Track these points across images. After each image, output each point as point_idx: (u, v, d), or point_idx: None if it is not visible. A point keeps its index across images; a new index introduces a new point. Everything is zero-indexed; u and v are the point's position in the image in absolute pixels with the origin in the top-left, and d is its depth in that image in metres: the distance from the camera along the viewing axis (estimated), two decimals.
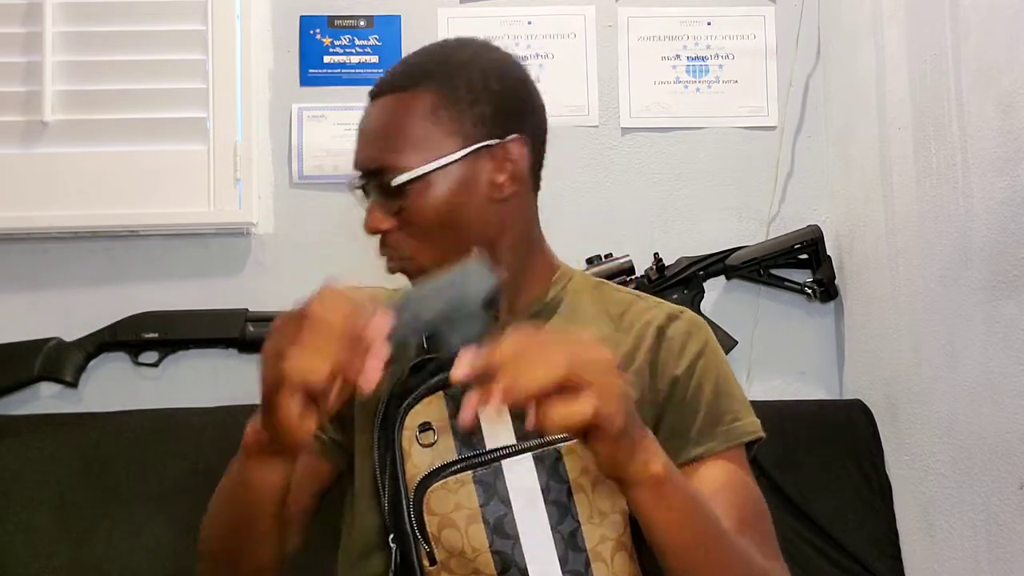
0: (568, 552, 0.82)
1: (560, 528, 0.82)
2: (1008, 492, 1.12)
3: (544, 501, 0.82)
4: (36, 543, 1.36)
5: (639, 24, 1.67)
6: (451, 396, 0.87)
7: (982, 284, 1.17)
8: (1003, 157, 1.12)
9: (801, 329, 1.62)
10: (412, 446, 0.87)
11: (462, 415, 0.67)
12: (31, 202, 1.53)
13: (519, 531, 0.82)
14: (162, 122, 1.56)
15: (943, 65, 1.25)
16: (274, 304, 1.56)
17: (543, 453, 0.83)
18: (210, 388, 1.54)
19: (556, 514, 0.82)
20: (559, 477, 0.83)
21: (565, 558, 0.82)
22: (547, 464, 0.83)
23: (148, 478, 1.40)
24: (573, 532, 0.82)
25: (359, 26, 1.65)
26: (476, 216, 0.91)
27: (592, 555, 0.82)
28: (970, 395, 1.20)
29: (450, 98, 0.90)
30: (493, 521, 0.82)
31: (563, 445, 0.83)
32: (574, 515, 0.82)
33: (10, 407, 1.52)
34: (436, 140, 0.90)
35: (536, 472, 0.82)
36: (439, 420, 0.87)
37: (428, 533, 0.85)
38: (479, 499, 0.82)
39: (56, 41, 1.55)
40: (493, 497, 0.82)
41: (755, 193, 1.64)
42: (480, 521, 0.82)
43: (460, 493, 0.84)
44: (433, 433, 0.86)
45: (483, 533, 0.82)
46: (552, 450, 0.83)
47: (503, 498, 0.82)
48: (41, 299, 1.57)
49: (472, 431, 0.86)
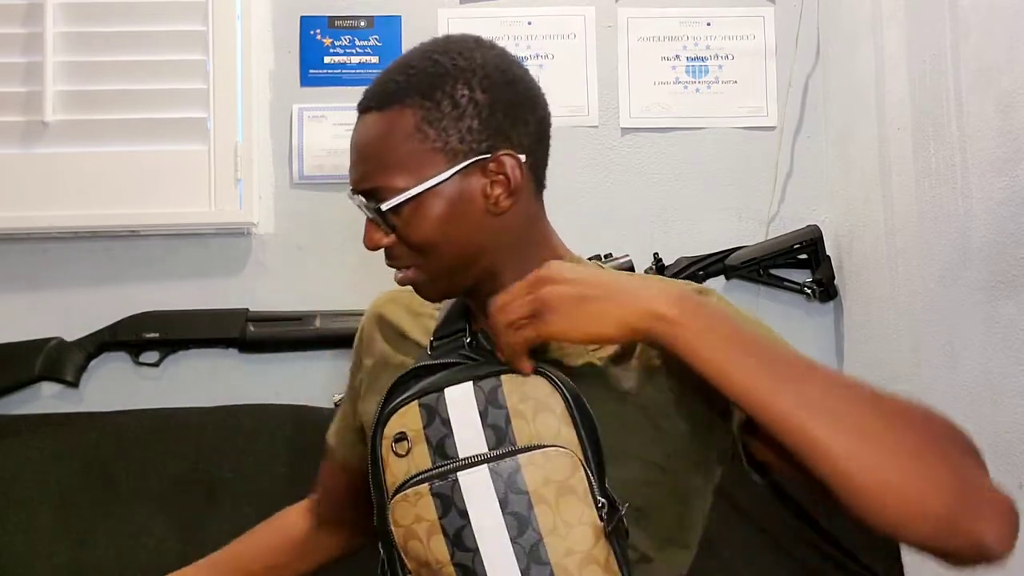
0: (531, 565, 0.81)
1: (520, 540, 0.81)
2: (1008, 492, 1.12)
3: (502, 512, 0.81)
4: (36, 543, 1.37)
5: (639, 24, 1.68)
6: (424, 405, 0.87)
7: (981, 284, 1.17)
8: (1002, 157, 1.12)
9: (801, 329, 1.62)
10: (389, 455, 0.87)
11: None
12: (32, 202, 1.53)
13: (478, 544, 0.81)
14: (163, 122, 1.56)
15: (943, 65, 1.25)
16: (274, 304, 1.57)
17: (500, 465, 0.82)
18: (210, 388, 1.54)
19: (516, 526, 0.81)
20: (517, 488, 0.81)
21: (527, 571, 0.80)
22: (504, 475, 0.82)
23: (148, 478, 1.40)
24: (535, 545, 0.81)
25: (359, 26, 1.65)
26: (474, 230, 0.91)
27: (557, 568, 0.81)
28: (969, 395, 1.20)
29: (434, 114, 0.88)
30: (452, 533, 0.82)
31: (523, 456, 0.82)
32: (535, 527, 0.81)
33: (10, 407, 1.52)
34: (423, 159, 0.88)
35: (492, 484, 0.81)
36: (414, 430, 0.87)
37: (396, 543, 0.85)
38: (437, 511, 0.82)
39: (57, 41, 1.55)
40: (451, 509, 0.82)
41: (755, 193, 1.65)
42: (440, 533, 0.82)
43: (419, 505, 0.83)
44: (407, 443, 0.86)
45: (443, 545, 0.82)
46: (511, 461, 0.82)
47: (460, 510, 0.81)
48: (42, 299, 1.57)
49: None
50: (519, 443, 0.84)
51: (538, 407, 0.85)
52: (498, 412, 0.85)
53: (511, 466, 0.82)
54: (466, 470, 0.82)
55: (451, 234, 0.90)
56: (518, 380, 0.85)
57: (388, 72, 0.92)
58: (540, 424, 0.84)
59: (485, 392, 0.86)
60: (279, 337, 1.52)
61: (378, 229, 0.91)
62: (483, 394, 0.86)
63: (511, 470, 0.82)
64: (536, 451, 0.82)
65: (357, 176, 0.91)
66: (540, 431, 0.84)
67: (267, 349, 1.52)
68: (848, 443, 0.72)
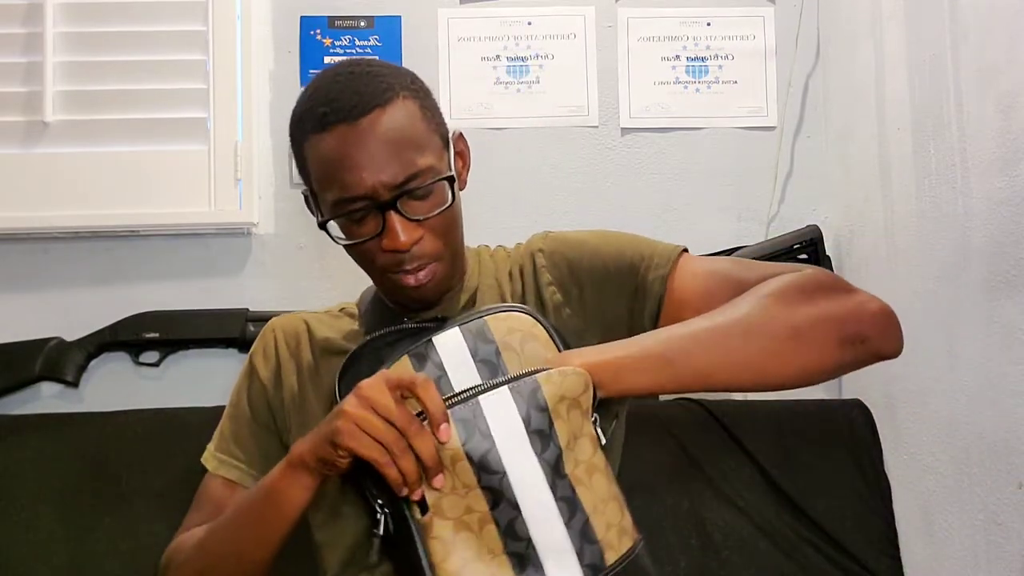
0: (555, 479, 0.82)
1: (545, 455, 0.82)
2: (1007, 492, 1.12)
3: (526, 430, 0.82)
4: (36, 543, 1.37)
5: (639, 24, 1.68)
6: (414, 355, 0.89)
7: (981, 284, 1.17)
8: (1002, 157, 1.12)
9: None
10: None
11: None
12: (31, 202, 1.53)
13: (504, 465, 0.81)
14: (163, 122, 1.56)
15: (942, 65, 1.25)
16: (274, 304, 1.57)
17: (521, 384, 0.83)
18: (210, 388, 1.54)
19: (539, 443, 0.82)
20: (538, 405, 0.82)
21: (554, 485, 0.82)
22: (525, 394, 0.82)
23: (148, 478, 1.40)
24: (557, 458, 0.82)
25: (359, 27, 1.65)
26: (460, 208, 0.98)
27: (572, 479, 0.83)
28: (969, 395, 1.20)
29: (424, 99, 0.96)
30: (477, 458, 0.81)
31: (541, 375, 0.83)
32: (556, 442, 0.82)
33: (10, 407, 1.52)
34: (433, 140, 0.95)
35: (515, 403, 0.82)
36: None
37: None
38: (460, 437, 0.81)
39: (57, 41, 1.55)
40: (474, 434, 0.81)
41: (754, 193, 1.65)
42: (464, 459, 0.81)
43: None
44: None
45: (469, 470, 0.81)
46: (531, 380, 0.83)
47: (484, 433, 0.81)
48: (42, 299, 1.57)
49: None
50: (510, 373, 0.86)
51: (525, 337, 0.89)
52: (487, 347, 0.89)
53: (531, 384, 0.83)
54: (487, 393, 0.83)
55: (458, 210, 0.97)
56: (501, 317, 0.90)
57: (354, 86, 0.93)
58: (528, 352, 0.88)
59: (472, 332, 0.89)
60: None
61: (407, 225, 0.92)
62: (471, 334, 0.89)
63: (532, 388, 0.83)
64: (553, 370, 0.84)
65: (391, 172, 0.91)
66: (529, 358, 0.88)
67: None
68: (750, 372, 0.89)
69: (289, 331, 1.08)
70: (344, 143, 0.91)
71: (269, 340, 1.08)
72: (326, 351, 1.05)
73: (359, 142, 0.91)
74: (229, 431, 1.09)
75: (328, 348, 1.05)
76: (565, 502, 0.82)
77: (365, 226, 0.93)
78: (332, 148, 0.91)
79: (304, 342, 1.06)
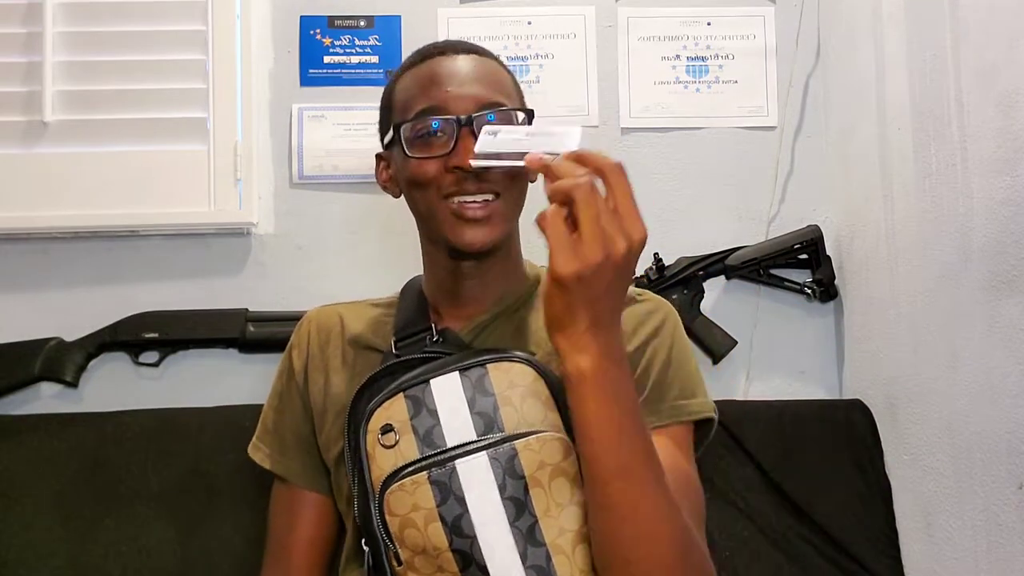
0: (527, 547, 0.82)
1: (518, 523, 0.83)
2: (1008, 492, 1.12)
3: (500, 498, 0.82)
4: (36, 543, 1.36)
5: (639, 24, 1.68)
6: (410, 397, 0.89)
7: (982, 284, 1.17)
8: (1003, 157, 1.12)
9: (801, 329, 1.62)
10: (375, 448, 0.88)
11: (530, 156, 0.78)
12: (31, 202, 1.53)
13: (475, 529, 0.82)
14: (162, 122, 1.56)
15: (943, 65, 1.25)
16: (274, 304, 1.57)
17: (498, 451, 0.83)
18: (210, 388, 1.54)
19: (513, 510, 0.83)
20: (515, 473, 0.83)
21: (525, 553, 0.82)
22: (502, 461, 0.83)
23: (148, 478, 1.40)
24: (531, 527, 0.83)
25: (359, 26, 1.65)
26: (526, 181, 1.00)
27: (552, 548, 0.83)
28: (970, 395, 1.20)
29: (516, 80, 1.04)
30: (451, 520, 0.83)
31: (519, 442, 0.84)
32: (531, 510, 0.83)
33: (10, 407, 1.52)
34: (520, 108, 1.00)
35: (492, 470, 0.83)
36: (400, 421, 0.88)
37: (392, 534, 0.86)
38: (435, 499, 0.83)
39: (56, 41, 1.55)
40: (449, 496, 0.83)
41: (755, 193, 1.65)
42: (438, 520, 0.83)
43: (417, 494, 0.84)
44: (395, 434, 0.87)
45: (442, 532, 0.83)
46: (508, 447, 0.83)
47: (459, 497, 0.83)
48: (41, 299, 1.57)
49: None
50: (507, 429, 0.85)
51: (525, 393, 0.88)
52: (486, 400, 0.87)
53: (508, 451, 0.83)
54: (464, 458, 0.84)
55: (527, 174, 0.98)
56: (504, 368, 0.88)
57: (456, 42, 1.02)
58: (527, 410, 0.87)
59: (472, 381, 0.88)
60: (279, 337, 1.51)
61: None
62: (470, 383, 0.88)
63: (509, 455, 0.83)
64: (531, 436, 0.84)
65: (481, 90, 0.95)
66: (528, 417, 0.87)
67: (267, 349, 1.52)
68: (630, 523, 0.78)
69: (323, 325, 1.09)
70: (439, 66, 0.97)
71: (303, 334, 1.10)
72: (354, 344, 1.06)
73: (453, 65, 0.96)
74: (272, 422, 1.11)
75: (357, 342, 1.06)
76: (535, 571, 0.83)
77: (436, 144, 0.94)
78: (426, 69, 0.97)
79: (335, 336, 1.07)
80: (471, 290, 1.01)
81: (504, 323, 1.01)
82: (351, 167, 1.61)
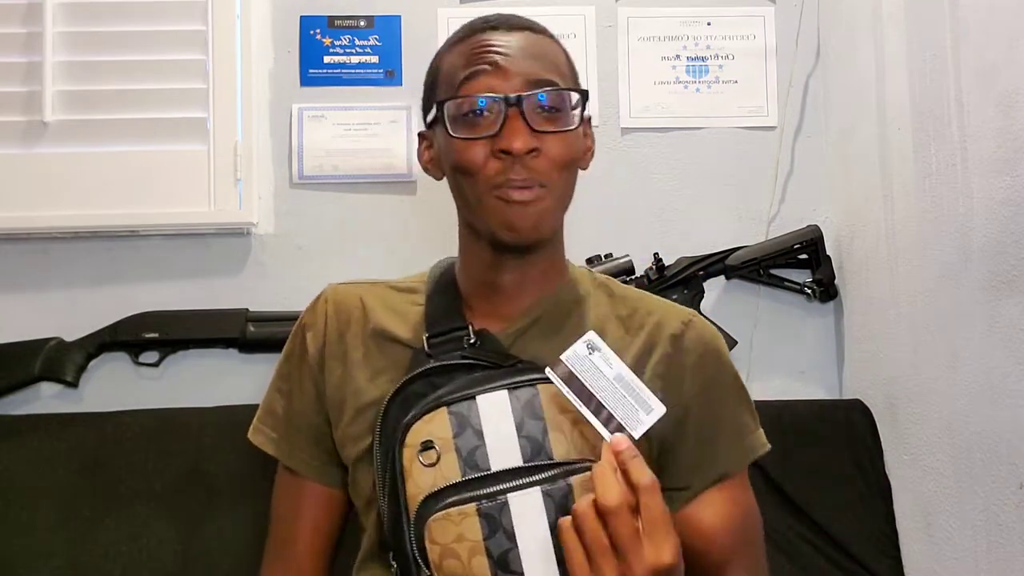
0: None
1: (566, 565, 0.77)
2: (1008, 492, 1.12)
3: (551, 537, 0.78)
4: (36, 543, 1.36)
5: (639, 24, 1.68)
6: (454, 413, 0.84)
7: (982, 284, 1.17)
8: (1003, 157, 1.12)
9: (801, 329, 1.62)
10: (413, 464, 0.83)
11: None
12: (31, 202, 1.53)
13: (524, 567, 0.78)
14: (162, 122, 1.56)
15: (943, 65, 1.25)
16: (274, 304, 1.57)
17: (553, 488, 0.79)
18: (210, 388, 1.54)
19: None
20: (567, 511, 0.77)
21: None
22: (556, 499, 0.79)
23: (148, 478, 1.40)
24: None
25: (359, 26, 1.65)
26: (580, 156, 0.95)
27: None
28: (970, 395, 1.20)
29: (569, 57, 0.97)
30: (497, 555, 0.79)
31: (575, 478, 0.80)
32: None
33: (10, 407, 1.52)
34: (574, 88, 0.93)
35: (545, 507, 0.79)
36: (442, 438, 0.83)
37: (429, 560, 0.81)
38: (483, 532, 0.79)
39: (56, 41, 1.55)
40: (498, 531, 0.79)
41: (755, 193, 1.65)
42: (483, 554, 0.79)
43: (463, 525, 0.80)
44: (435, 452, 0.82)
45: (486, 566, 0.79)
46: (564, 484, 0.79)
47: (508, 533, 0.79)
48: (41, 299, 1.57)
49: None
50: (555, 456, 0.82)
51: (576, 419, 0.83)
52: (535, 424, 0.83)
53: (563, 488, 0.79)
54: (516, 492, 0.80)
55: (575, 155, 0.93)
56: (554, 391, 0.82)
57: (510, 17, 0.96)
58: (577, 440, 0.83)
59: (522, 402, 0.84)
60: (279, 337, 1.50)
61: (528, 131, 0.87)
62: (519, 403, 0.83)
63: (563, 493, 0.79)
64: (585, 473, 0.80)
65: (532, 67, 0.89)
66: (578, 444, 0.83)
67: (267, 349, 1.51)
68: None
69: (341, 307, 0.99)
70: (489, 39, 0.92)
71: (319, 315, 1.00)
72: (378, 336, 0.97)
73: (504, 39, 0.91)
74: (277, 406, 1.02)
75: (382, 334, 0.97)
76: None
77: (482, 124, 0.88)
78: (474, 42, 0.92)
79: (356, 322, 0.98)
80: (509, 287, 0.95)
81: (545, 329, 0.95)
82: (351, 167, 1.61)
